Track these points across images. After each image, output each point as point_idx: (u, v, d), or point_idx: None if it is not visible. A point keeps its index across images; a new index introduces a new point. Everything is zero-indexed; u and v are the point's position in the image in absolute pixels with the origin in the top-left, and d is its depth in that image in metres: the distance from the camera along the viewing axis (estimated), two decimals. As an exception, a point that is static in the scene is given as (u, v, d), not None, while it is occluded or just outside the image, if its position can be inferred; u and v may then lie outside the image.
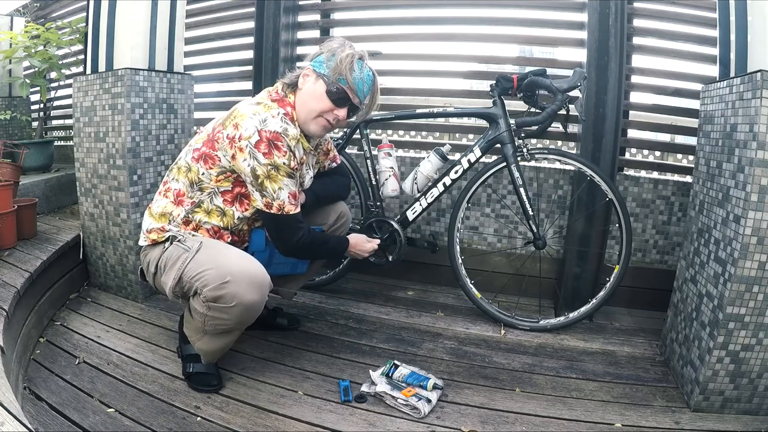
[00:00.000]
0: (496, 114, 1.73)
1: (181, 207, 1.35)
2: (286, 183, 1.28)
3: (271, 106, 1.29)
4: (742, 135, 1.22)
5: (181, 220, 1.35)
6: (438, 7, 2.29)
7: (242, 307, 1.22)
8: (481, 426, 1.25)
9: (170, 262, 1.30)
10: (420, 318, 1.89)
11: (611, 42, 1.86)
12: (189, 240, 1.31)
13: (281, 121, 1.26)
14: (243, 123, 1.25)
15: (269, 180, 1.26)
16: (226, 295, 1.20)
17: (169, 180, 1.39)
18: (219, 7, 2.63)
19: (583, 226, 1.95)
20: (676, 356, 1.49)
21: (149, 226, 1.37)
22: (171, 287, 1.27)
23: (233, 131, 1.25)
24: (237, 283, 1.20)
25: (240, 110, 1.29)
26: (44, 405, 1.23)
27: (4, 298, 1.42)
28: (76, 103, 1.93)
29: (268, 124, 1.24)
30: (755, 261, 1.18)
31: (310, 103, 1.33)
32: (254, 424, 1.21)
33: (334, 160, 1.63)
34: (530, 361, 1.59)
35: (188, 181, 1.34)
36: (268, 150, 1.23)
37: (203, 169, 1.32)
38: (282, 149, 1.24)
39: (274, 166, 1.25)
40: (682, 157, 3.04)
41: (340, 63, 1.30)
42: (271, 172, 1.25)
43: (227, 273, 1.20)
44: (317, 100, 1.32)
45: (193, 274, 1.23)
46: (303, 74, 1.35)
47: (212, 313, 1.24)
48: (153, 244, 1.36)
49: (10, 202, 1.89)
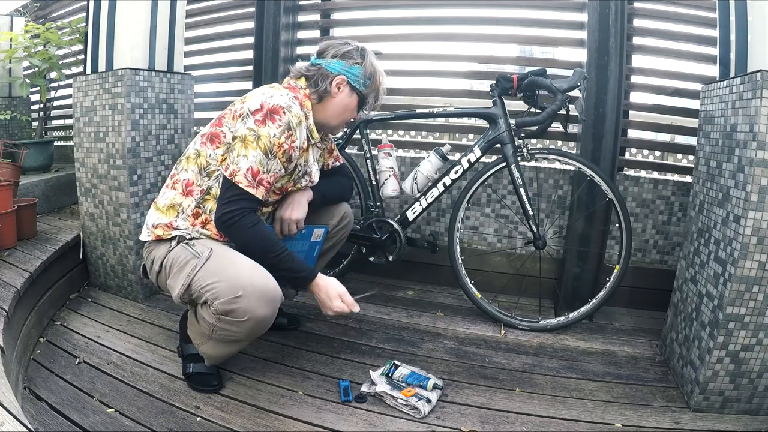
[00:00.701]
0: (496, 114, 1.73)
1: (191, 197, 1.34)
2: (254, 156, 1.23)
3: (279, 89, 1.33)
4: (742, 135, 1.22)
5: (191, 212, 1.33)
6: (438, 7, 2.29)
7: (254, 322, 1.21)
8: (481, 426, 1.25)
9: (178, 266, 1.28)
10: (420, 318, 1.89)
11: (611, 42, 1.86)
12: (198, 245, 1.29)
13: (288, 99, 1.28)
14: (250, 99, 1.29)
15: (242, 143, 1.24)
16: (238, 309, 1.18)
17: (178, 172, 1.38)
18: (219, 7, 2.63)
19: (583, 226, 1.95)
20: (676, 356, 1.49)
21: (155, 220, 1.35)
22: (179, 293, 1.25)
23: (240, 105, 1.29)
24: (249, 298, 1.18)
25: (251, 91, 1.34)
26: (44, 405, 1.23)
27: (4, 298, 1.42)
28: (76, 103, 1.93)
29: (272, 99, 1.26)
30: (755, 261, 1.18)
31: (344, 113, 1.41)
32: (254, 424, 1.21)
33: (337, 159, 1.63)
34: (530, 361, 1.59)
35: (197, 167, 1.34)
36: (262, 119, 1.23)
37: (210, 150, 1.32)
38: (277, 122, 1.24)
39: (257, 135, 1.23)
40: (682, 157, 3.04)
41: (377, 84, 1.41)
42: (248, 137, 1.23)
43: (239, 287, 1.18)
44: (351, 112, 1.42)
45: (204, 284, 1.21)
46: (336, 83, 1.36)
47: (222, 325, 1.23)
48: (157, 241, 1.34)
49: (10, 202, 1.89)
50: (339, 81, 1.36)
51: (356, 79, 1.37)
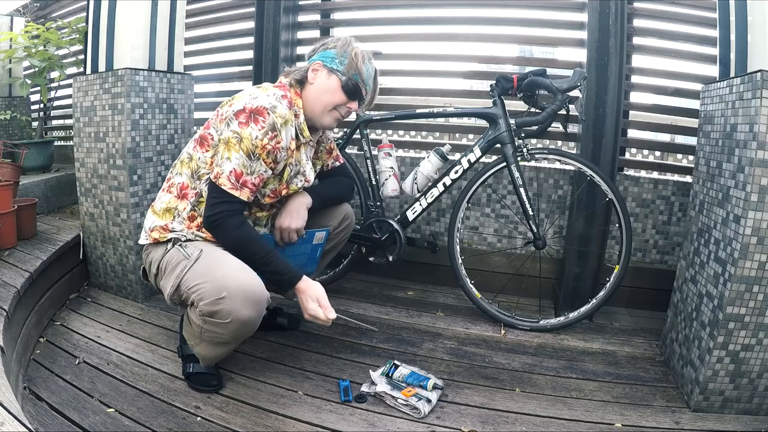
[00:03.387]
0: (496, 114, 1.73)
1: (186, 200, 1.34)
2: (237, 158, 1.23)
3: (268, 89, 1.32)
4: (742, 135, 1.22)
5: (186, 215, 1.34)
6: (438, 7, 2.29)
7: (238, 324, 1.20)
8: (481, 426, 1.25)
9: (170, 267, 1.29)
10: (420, 318, 1.89)
11: (611, 42, 1.86)
12: (190, 246, 1.30)
13: (274, 99, 1.27)
14: (236, 100, 1.29)
15: (226, 146, 1.24)
16: (222, 311, 1.18)
17: (173, 175, 1.39)
18: (219, 7, 2.63)
19: (583, 226, 1.94)
20: (676, 356, 1.49)
21: (152, 223, 1.36)
22: (169, 294, 1.26)
23: (226, 108, 1.29)
24: (232, 300, 1.17)
25: (240, 92, 1.34)
26: (44, 405, 1.23)
27: (4, 298, 1.42)
28: (76, 103, 1.93)
29: (257, 100, 1.26)
30: (755, 261, 1.18)
31: (324, 97, 1.35)
32: (254, 424, 1.21)
33: (337, 159, 1.63)
34: (530, 361, 1.59)
35: (190, 171, 1.34)
36: (245, 120, 1.23)
37: (200, 154, 1.33)
38: (260, 123, 1.23)
39: (239, 138, 1.22)
40: (682, 157, 3.04)
41: (354, 59, 1.34)
42: (232, 139, 1.23)
43: (223, 288, 1.17)
44: (332, 94, 1.35)
45: (191, 285, 1.22)
46: (312, 69, 1.35)
47: (208, 327, 1.23)
48: (155, 244, 1.35)
49: (10, 202, 1.89)
50: (314, 66, 1.36)
51: (331, 59, 1.35)
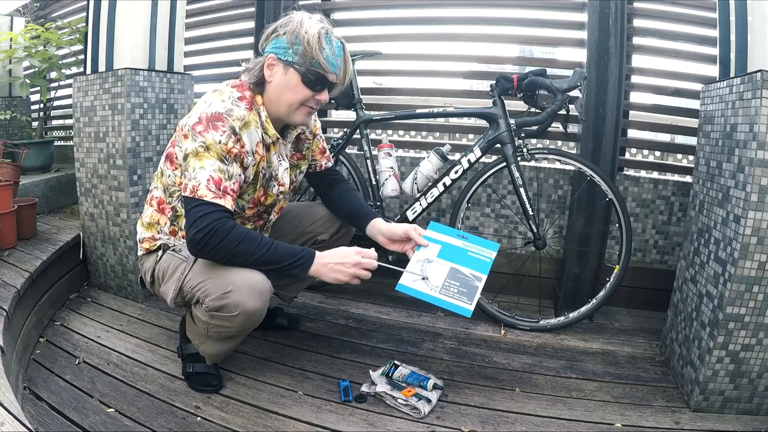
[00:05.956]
0: (496, 114, 1.73)
1: (164, 215, 1.35)
2: (211, 164, 1.13)
3: (224, 91, 1.21)
4: (742, 135, 1.22)
5: (168, 230, 1.35)
6: (438, 7, 2.29)
7: (245, 315, 1.20)
8: (481, 426, 1.25)
9: (168, 272, 1.29)
10: (420, 318, 1.89)
11: (611, 42, 1.86)
12: (184, 249, 1.28)
13: (230, 103, 1.18)
14: (194, 111, 1.20)
15: (195, 158, 1.13)
16: (229, 304, 1.18)
17: (152, 188, 1.38)
18: (219, 7, 2.63)
19: (583, 226, 1.95)
20: (676, 356, 1.49)
21: (141, 235, 1.38)
22: (172, 298, 1.26)
23: (185, 121, 1.19)
24: (239, 292, 1.18)
25: (197, 101, 1.24)
26: (44, 405, 1.23)
27: (4, 298, 1.42)
28: (76, 103, 1.93)
29: (211, 107, 1.17)
30: (755, 261, 1.18)
31: (286, 95, 1.22)
32: (254, 424, 1.21)
33: (329, 159, 1.58)
34: (530, 361, 1.59)
35: (163, 186, 1.33)
36: (204, 128, 1.14)
37: (169, 171, 1.29)
38: (220, 129, 1.14)
39: (205, 146, 1.13)
40: (682, 157, 3.03)
41: (308, 45, 1.16)
42: (199, 149, 1.13)
43: (228, 282, 1.18)
44: (294, 91, 1.21)
45: (194, 284, 1.22)
46: (266, 64, 1.21)
47: (215, 322, 1.23)
48: (147, 253, 1.36)
49: (10, 202, 1.89)
50: (268, 61, 1.20)
51: (284, 51, 1.19)
